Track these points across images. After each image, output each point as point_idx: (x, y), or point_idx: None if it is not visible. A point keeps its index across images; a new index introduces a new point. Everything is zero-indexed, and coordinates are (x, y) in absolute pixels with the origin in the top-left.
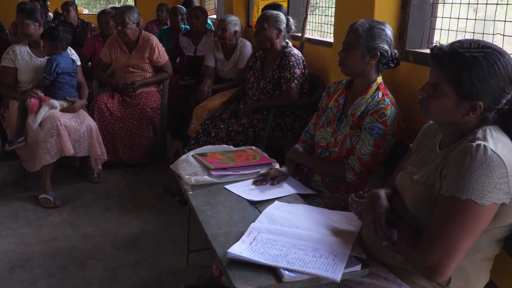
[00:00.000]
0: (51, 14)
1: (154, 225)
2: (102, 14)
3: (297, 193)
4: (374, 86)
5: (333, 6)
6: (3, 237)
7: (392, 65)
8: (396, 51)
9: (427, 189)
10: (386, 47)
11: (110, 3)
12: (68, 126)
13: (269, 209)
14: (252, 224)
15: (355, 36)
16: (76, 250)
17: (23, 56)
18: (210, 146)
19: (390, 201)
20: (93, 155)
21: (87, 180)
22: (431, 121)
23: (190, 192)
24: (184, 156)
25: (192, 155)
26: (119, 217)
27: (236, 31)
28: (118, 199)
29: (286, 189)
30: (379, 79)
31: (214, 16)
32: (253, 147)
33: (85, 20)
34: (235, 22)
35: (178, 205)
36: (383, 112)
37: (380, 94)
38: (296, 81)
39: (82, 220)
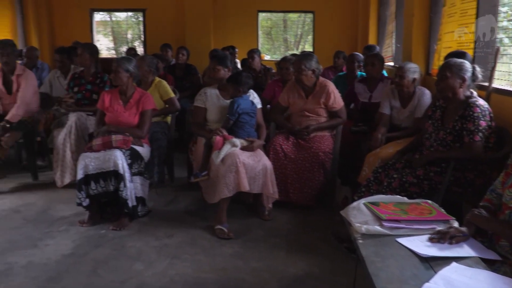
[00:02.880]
0: (237, 61)
1: (320, 269)
2: (283, 60)
3: (479, 257)
4: None
5: None
6: (182, 261)
7: None
8: None
9: None
10: None
11: (289, 49)
12: (246, 163)
13: (446, 271)
14: (427, 284)
15: None
16: (244, 283)
17: (212, 98)
18: (383, 196)
19: None
20: (265, 193)
21: (258, 216)
22: None
23: (360, 241)
24: (355, 203)
25: (364, 203)
26: (286, 256)
27: (414, 79)
28: (286, 238)
29: (466, 250)
30: None
31: (391, 63)
32: (429, 201)
33: (267, 66)
34: (414, 70)
35: (345, 252)
36: None
37: None
38: (480, 134)
39: (252, 254)
